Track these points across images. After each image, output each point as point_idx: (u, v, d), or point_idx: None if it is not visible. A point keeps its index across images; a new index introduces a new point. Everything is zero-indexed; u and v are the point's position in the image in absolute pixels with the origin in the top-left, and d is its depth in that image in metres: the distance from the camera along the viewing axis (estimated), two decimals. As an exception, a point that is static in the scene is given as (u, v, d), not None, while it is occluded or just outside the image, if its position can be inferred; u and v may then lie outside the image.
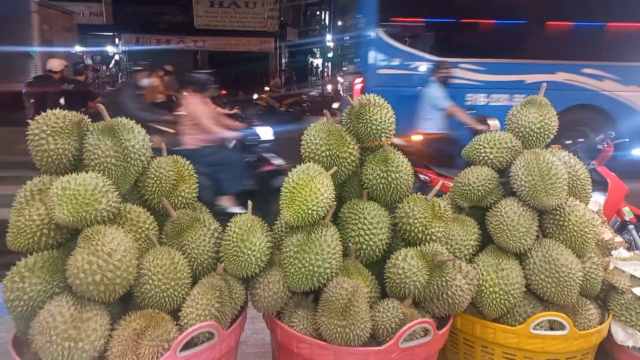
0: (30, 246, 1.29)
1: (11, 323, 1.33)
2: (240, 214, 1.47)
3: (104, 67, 22.51)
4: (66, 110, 1.41)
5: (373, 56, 7.30)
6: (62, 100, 7.98)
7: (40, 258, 1.29)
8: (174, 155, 1.54)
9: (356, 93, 7.25)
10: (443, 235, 1.54)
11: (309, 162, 1.52)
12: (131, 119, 1.44)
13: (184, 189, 1.50)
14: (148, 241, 1.39)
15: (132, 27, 18.16)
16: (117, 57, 21.35)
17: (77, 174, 1.28)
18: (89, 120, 1.45)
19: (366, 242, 1.50)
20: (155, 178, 1.44)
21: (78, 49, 20.69)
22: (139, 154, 1.40)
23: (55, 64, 8.58)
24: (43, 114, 1.39)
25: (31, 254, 1.30)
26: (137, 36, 18.28)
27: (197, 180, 1.56)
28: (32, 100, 8.36)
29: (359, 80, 7.32)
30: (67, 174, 1.31)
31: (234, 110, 6.62)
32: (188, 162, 1.56)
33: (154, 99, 7.27)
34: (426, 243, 1.50)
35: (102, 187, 1.28)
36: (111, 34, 19.33)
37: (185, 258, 1.39)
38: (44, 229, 1.28)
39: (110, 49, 21.34)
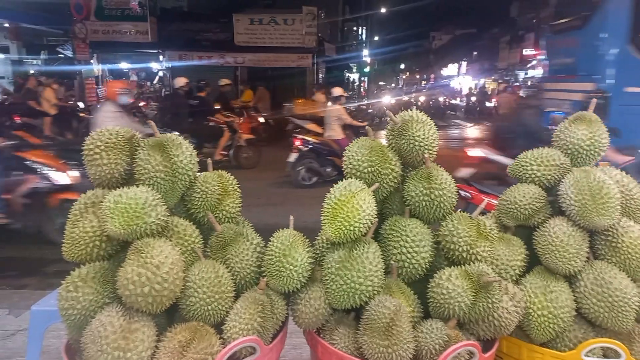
0: (84, 257, 1.34)
1: (61, 330, 1.38)
2: (283, 229, 1.48)
3: (149, 83, 23.41)
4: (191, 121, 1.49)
5: (620, 73, 6.87)
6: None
7: (93, 269, 1.34)
8: (219, 170, 1.57)
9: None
10: (488, 255, 1.50)
11: (351, 178, 1.52)
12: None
13: (228, 203, 1.53)
14: (194, 254, 1.42)
15: (176, 45, 18.82)
16: (160, 73, 22.14)
17: (129, 188, 1.33)
18: (140, 136, 1.51)
19: (408, 260, 1.48)
20: (201, 192, 1.48)
21: (124, 65, 21.63)
22: (186, 169, 1.44)
23: (181, 82, 10.39)
24: (98, 130, 1.46)
25: (84, 264, 1.36)
26: (180, 53, 18.92)
27: (240, 195, 1.59)
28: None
29: (596, 97, 7.11)
30: (119, 188, 1.36)
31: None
32: (232, 177, 1.60)
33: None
34: (471, 263, 1.46)
35: (152, 201, 1.32)
36: (155, 51, 20.09)
37: (228, 272, 1.41)
38: (97, 241, 1.34)
39: (154, 65, 22.17)
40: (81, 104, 13.21)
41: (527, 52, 33.46)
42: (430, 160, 1.57)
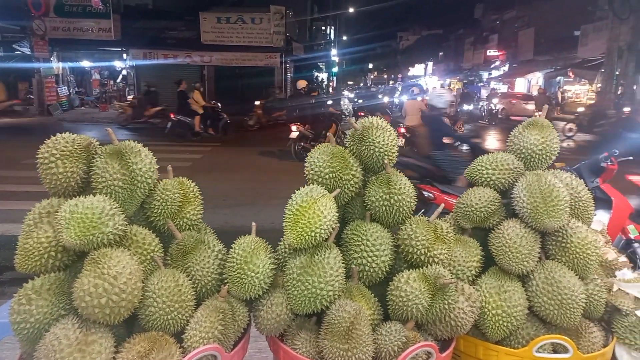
0: (38, 268, 1.31)
1: (16, 341, 1.35)
2: (244, 235, 1.49)
3: (111, 82, 22.80)
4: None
5: None
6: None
7: (47, 280, 1.31)
8: (180, 177, 1.56)
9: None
10: (445, 257, 1.55)
11: (313, 184, 1.54)
12: None
13: (189, 210, 1.52)
14: (153, 263, 1.41)
15: (140, 43, 18.42)
16: (124, 72, 21.61)
17: (85, 197, 1.31)
18: (98, 143, 1.48)
19: (369, 264, 1.51)
20: (161, 200, 1.47)
21: (86, 64, 21.01)
22: (145, 177, 1.42)
23: (302, 84, 13.05)
24: (52, 137, 1.42)
25: (38, 276, 1.32)
26: (144, 51, 18.52)
27: (202, 203, 1.58)
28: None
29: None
30: (75, 196, 1.33)
31: None
32: (193, 183, 1.59)
33: None
34: (428, 265, 1.51)
35: (109, 210, 1.30)
36: (119, 49, 19.59)
37: (189, 280, 1.40)
38: (52, 252, 1.31)
39: (118, 63, 21.61)
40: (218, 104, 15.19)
41: (491, 53, 34.37)
42: (390, 165, 1.61)
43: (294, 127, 10.77)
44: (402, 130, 9.67)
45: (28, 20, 14.60)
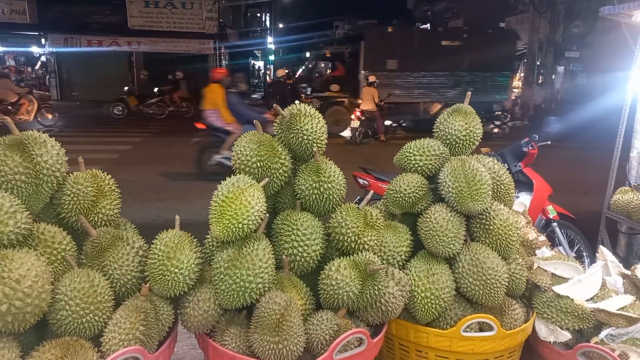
0: None
1: None
2: (167, 230, 1.40)
3: (29, 69, 21.13)
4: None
5: None
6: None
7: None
8: (93, 170, 1.45)
9: None
10: (375, 243, 1.56)
11: (240, 174, 1.48)
12: None
13: (104, 205, 1.42)
14: (65, 263, 1.30)
15: (61, 27, 17.15)
16: (43, 58, 20.06)
17: (-20, 194, 1.17)
18: None
19: (300, 254, 1.48)
20: (72, 195, 1.35)
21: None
22: (52, 170, 1.30)
23: (281, 73, 13.41)
24: None
25: None
26: (65, 36, 17.29)
27: (120, 196, 1.48)
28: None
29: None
30: (-31, 194, 1.19)
31: None
32: (109, 176, 1.48)
33: None
34: (359, 252, 1.50)
35: (10, 207, 1.18)
36: (36, 33, 18.14)
37: (106, 280, 1.31)
38: (-58, 256, 1.16)
39: (36, 49, 20.03)
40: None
41: (423, 43, 35.37)
42: (320, 153, 1.58)
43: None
44: (358, 113, 11.04)
45: None
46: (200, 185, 7.42)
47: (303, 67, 16.73)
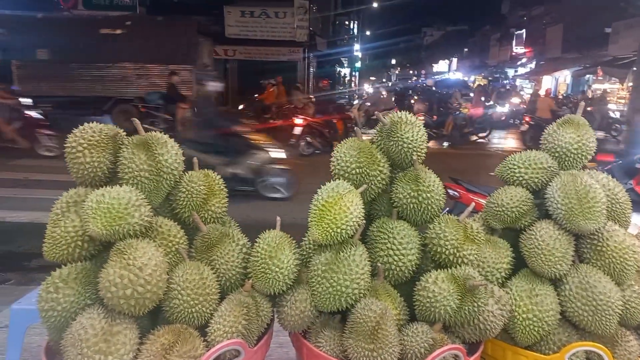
0: (65, 257, 1.31)
1: (43, 328, 1.36)
2: (269, 230, 1.47)
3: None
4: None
5: None
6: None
7: (74, 269, 1.31)
8: (205, 170, 1.55)
9: None
10: (475, 258, 1.50)
11: (339, 179, 1.51)
12: None
13: (214, 203, 1.51)
14: (178, 255, 1.40)
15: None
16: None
17: (112, 188, 1.30)
18: (125, 134, 1.48)
19: (395, 263, 1.48)
20: (187, 192, 1.46)
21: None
22: (171, 168, 1.41)
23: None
24: (80, 127, 1.42)
25: (65, 265, 1.33)
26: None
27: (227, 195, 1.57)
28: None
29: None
30: (102, 186, 1.33)
31: None
32: (219, 176, 1.57)
33: None
34: (457, 266, 1.46)
35: (135, 201, 1.30)
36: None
37: (213, 273, 1.39)
38: (78, 241, 1.31)
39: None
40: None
41: (518, 49, 33.68)
42: (419, 162, 1.56)
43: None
44: None
45: None
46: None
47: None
